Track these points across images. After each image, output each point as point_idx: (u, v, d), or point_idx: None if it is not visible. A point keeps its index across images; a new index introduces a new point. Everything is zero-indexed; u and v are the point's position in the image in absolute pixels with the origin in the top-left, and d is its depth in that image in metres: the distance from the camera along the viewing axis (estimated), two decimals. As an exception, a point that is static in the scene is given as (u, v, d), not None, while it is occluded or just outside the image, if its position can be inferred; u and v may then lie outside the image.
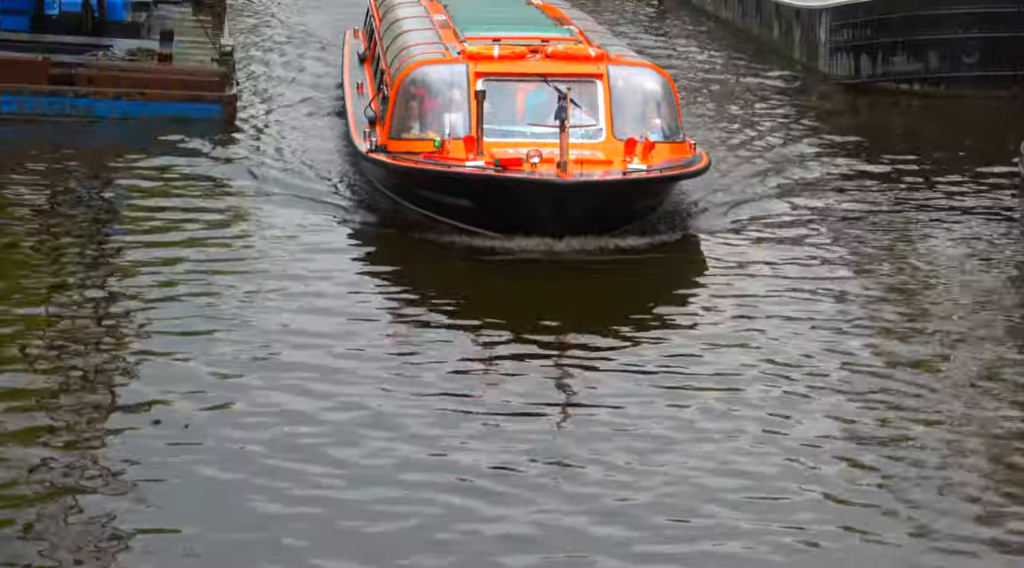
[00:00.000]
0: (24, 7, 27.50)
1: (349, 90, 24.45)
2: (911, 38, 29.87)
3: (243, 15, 37.59)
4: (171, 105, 24.96)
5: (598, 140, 19.38)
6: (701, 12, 40.34)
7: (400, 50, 21.66)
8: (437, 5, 24.89)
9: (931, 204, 21.68)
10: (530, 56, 20.22)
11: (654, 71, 20.68)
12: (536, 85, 19.71)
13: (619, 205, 18.60)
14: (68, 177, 22.10)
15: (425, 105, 19.92)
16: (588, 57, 20.22)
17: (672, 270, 18.57)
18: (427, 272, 18.11)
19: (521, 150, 18.58)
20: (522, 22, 23.42)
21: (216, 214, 19.94)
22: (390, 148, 19.54)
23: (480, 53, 20.18)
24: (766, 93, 29.81)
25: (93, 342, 15.25)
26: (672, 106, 20.17)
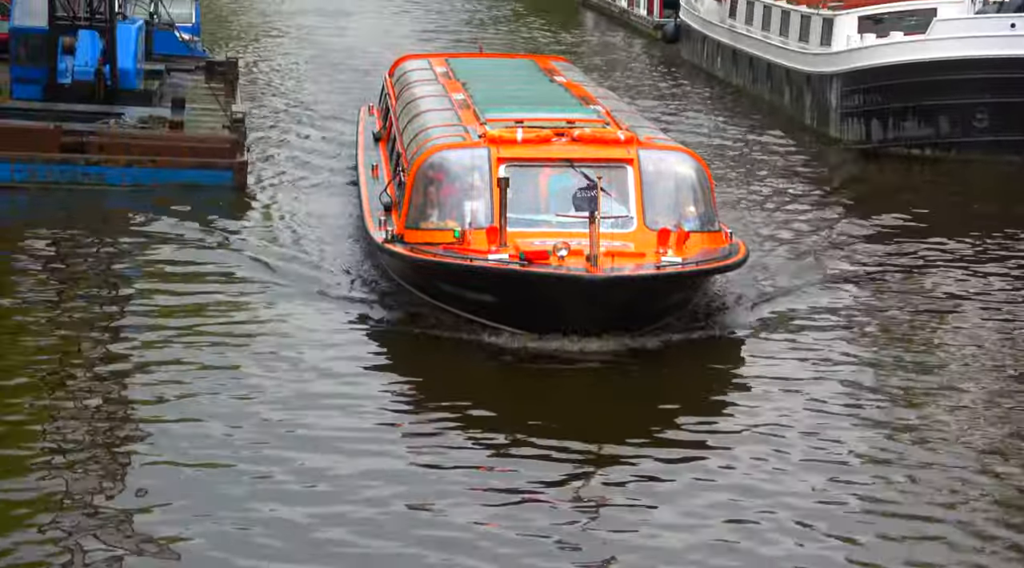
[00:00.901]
0: (37, 76, 27.71)
1: (363, 172, 23.27)
2: (922, 103, 29.92)
3: (256, 83, 37.77)
4: (182, 172, 25.03)
5: (629, 229, 18.13)
6: (712, 77, 40.44)
7: (417, 132, 20.56)
8: (456, 83, 23.84)
9: (955, 276, 21.16)
10: (555, 140, 18.99)
11: (687, 155, 19.40)
12: (562, 169, 18.50)
13: (652, 301, 17.44)
14: (76, 251, 21.85)
15: (444, 192, 18.69)
16: (617, 141, 18.95)
17: (703, 371, 17.17)
18: (448, 375, 16.89)
19: (547, 241, 17.43)
20: (546, 102, 22.12)
21: (224, 311, 18.72)
22: (407, 238, 18.38)
23: (502, 137, 18.92)
24: (779, 161, 29.68)
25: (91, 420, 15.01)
26: (706, 192, 18.96)
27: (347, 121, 31.74)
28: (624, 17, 55.46)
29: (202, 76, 30.82)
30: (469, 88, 22.98)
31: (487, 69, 26.02)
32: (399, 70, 26.72)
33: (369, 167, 23.15)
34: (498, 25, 53.76)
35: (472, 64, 26.79)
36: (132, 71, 28.25)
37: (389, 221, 19.16)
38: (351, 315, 18.50)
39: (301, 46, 46.04)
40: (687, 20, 43.92)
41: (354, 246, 21.47)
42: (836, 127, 31.55)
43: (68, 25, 27.60)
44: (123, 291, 19.70)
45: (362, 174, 23.21)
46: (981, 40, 29.54)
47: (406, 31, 51.14)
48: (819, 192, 26.71)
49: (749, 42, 37.21)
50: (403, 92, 24.16)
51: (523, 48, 46.94)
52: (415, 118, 21.46)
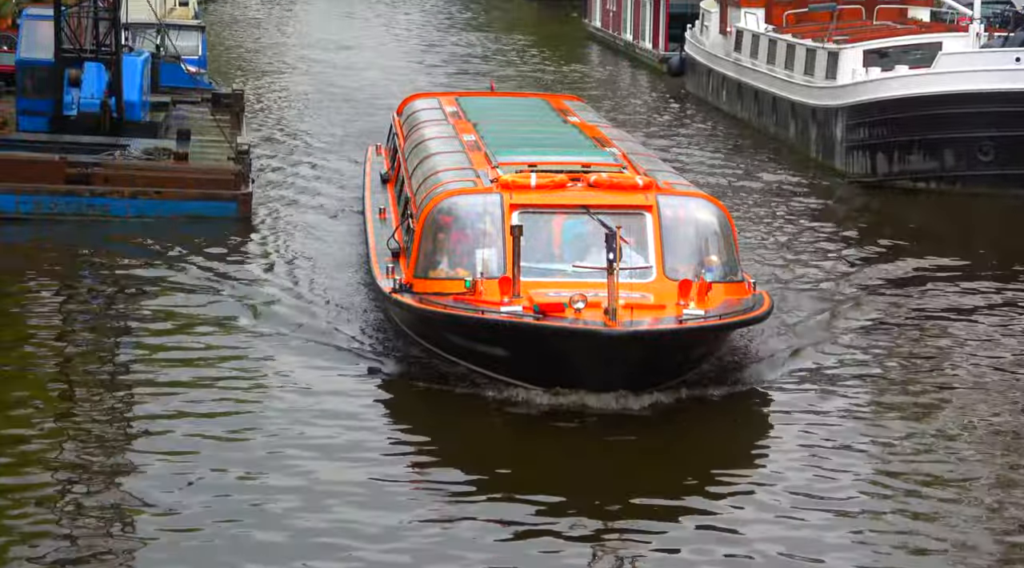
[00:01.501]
0: (43, 108, 27.76)
1: (370, 215, 22.31)
2: (927, 137, 29.91)
3: (262, 115, 37.85)
4: (186, 203, 25.05)
5: (648, 280, 17.24)
6: (717, 111, 40.48)
7: (427, 176, 19.72)
8: (466, 124, 22.99)
9: (985, 323, 20.46)
10: (571, 185, 18.11)
11: (708, 202, 18.48)
12: (577, 216, 17.69)
13: (673, 356, 16.59)
14: (79, 284, 21.79)
15: (454, 240, 17.84)
16: (635, 186, 18.09)
17: (723, 429, 16.40)
18: (457, 431, 16.12)
19: (563, 292, 16.61)
20: (559, 144, 21.28)
21: (225, 360, 17.95)
22: (416, 288, 17.53)
23: (515, 182, 18.04)
24: (787, 196, 29.50)
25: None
26: (729, 241, 18.07)
27: (350, 153, 31.82)
28: (629, 50, 55.55)
29: (208, 108, 30.86)
30: (480, 129, 22.21)
31: (498, 109, 25.31)
32: (407, 109, 26.00)
33: (376, 210, 22.30)
34: (504, 57, 53.84)
35: (483, 103, 25.96)
36: (138, 103, 28.29)
37: (397, 268, 18.35)
38: (357, 367, 17.70)
39: (307, 79, 46.14)
40: (692, 53, 43.98)
41: (360, 292, 20.68)
42: (841, 160, 31.54)
43: (74, 57, 27.67)
44: (122, 338, 19.06)
45: (369, 217, 22.33)
46: (986, 74, 29.56)
47: (411, 63, 51.24)
48: (831, 230, 26.36)
49: (754, 75, 37.25)
50: (412, 133, 23.34)
51: (529, 81, 47.04)
52: (424, 161, 20.71)
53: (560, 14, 72.62)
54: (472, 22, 68.88)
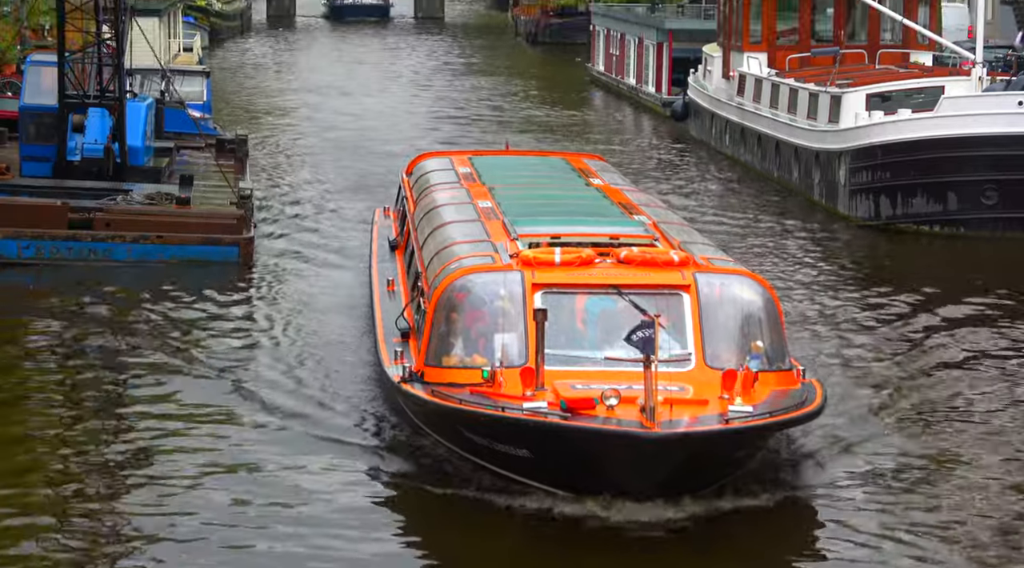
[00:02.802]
0: (46, 154, 27.79)
1: (378, 287, 20.55)
2: (930, 180, 29.89)
3: (266, 160, 37.91)
4: (189, 248, 25.06)
5: (686, 369, 15.47)
6: (720, 155, 40.51)
7: (439, 248, 18.03)
8: (481, 187, 21.21)
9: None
10: (599, 261, 16.37)
11: (751, 280, 16.62)
12: (607, 297, 15.98)
13: (717, 458, 14.83)
14: (79, 331, 21.54)
15: (470, 324, 16.09)
16: (671, 263, 16.31)
17: (766, 541, 14.76)
18: (474, 545, 14.55)
19: (592, 384, 14.87)
20: (583, 211, 19.53)
21: (218, 455, 16.47)
22: (427, 377, 15.76)
23: (538, 258, 16.29)
24: (794, 244, 29.13)
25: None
26: (775, 324, 16.29)
27: (352, 200, 31.85)
28: (633, 94, 55.66)
29: (212, 153, 30.93)
30: (496, 194, 20.41)
31: (515, 170, 23.56)
32: (417, 170, 24.27)
33: (384, 281, 20.55)
34: (507, 101, 53.93)
35: (498, 163, 24.10)
36: (141, 148, 28.35)
37: (406, 352, 16.73)
38: (359, 465, 16.09)
39: (310, 124, 46.25)
40: (695, 98, 44.04)
41: (365, 375, 19.01)
42: (845, 204, 31.51)
43: (78, 103, 27.73)
44: (113, 410, 18.03)
45: (376, 290, 20.54)
46: (989, 118, 29.54)
47: (413, 109, 51.33)
48: (849, 283, 25.45)
49: (757, 119, 37.28)
50: (423, 196, 21.61)
51: (532, 125, 47.12)
52: (437, 230, 19.01)
53: (563, 59, 72.79)
54: (475, 66, 69.05)
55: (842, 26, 38.35)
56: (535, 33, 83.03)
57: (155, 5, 53.89)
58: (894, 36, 38.65)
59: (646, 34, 54.46)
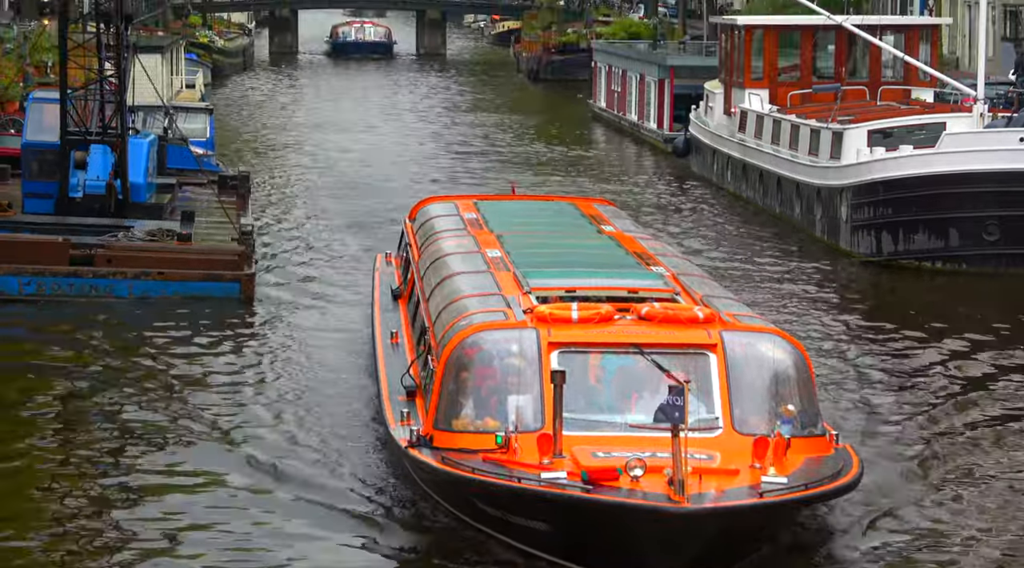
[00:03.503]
0: (48, 190, 27.81)
1: (381, 340, 19.44)
2: (932, 216, 29.89)
3: (268, 197, 37.96)
4: (190, 284, 25.06)
5: (713, 434, 14.54)
6: (722, 191, 40.52)
7: (448, 302, 17.04)
8: (489, 235, 20.20)
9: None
10: (619, 317, 15.42)
11: (781, 338, 15.58)
12: (627, 356, 15.03)
13: (750, 533, 14.03)
14: (79, 367, 21.50)
15: (482, 385, 15.14)
16: (695, 320, 15.36)
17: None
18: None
19: (614, 452, 13.99)
20: (598, 262, 18.52)
21: (210, 524, 15.52)
22: (437, 441, 14.86)
23: (554, 315, 15.34)
24: (802, 283, 28.88)
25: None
26: (807, 386, 15.33)
27: (354, 237, 31.85)
28: (634, 131, 55.74)
29: (214, 190, 30.97)
30: (505, 242, 19.46)
31: (523, 216, 22.63)
32: (421, 215, 23.27)
33: (387, 333, 19.47)
34: (509, 138, 53.99)
35: (505, 209, 23.14)
36: (143, 185, 28.36)
37: (413, 412, 15.80)
38: (361, 536, 15.11)
39: (313, 161, 46.31)
40: (697, 134, 44.09)
41: (368, 433, 18.01)
42: (847, 240, 31.51)
43: (80, 140, 27.76)
44: (106, 460, 17.43)
45: (379, 342, 19.44)
46: (990, 154, 29.56)
47: (416, 145, 51.37)
48: (858, 323, 24.96)
49: (759, 156, 37.31)
50: (428, 244, 20.64)
51: (535, 161, 47.17)
52: (444, 282, 18.02)
53: (565, 95, 72.93)
54: (477, 103, 69.16)
55: (843, 63, 38.43)
56: (537, 70, 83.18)
57: (157, 42, 54.06)
58: (895, 73, 38.73)
59: (648, 70, 54.56)
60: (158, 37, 58.63)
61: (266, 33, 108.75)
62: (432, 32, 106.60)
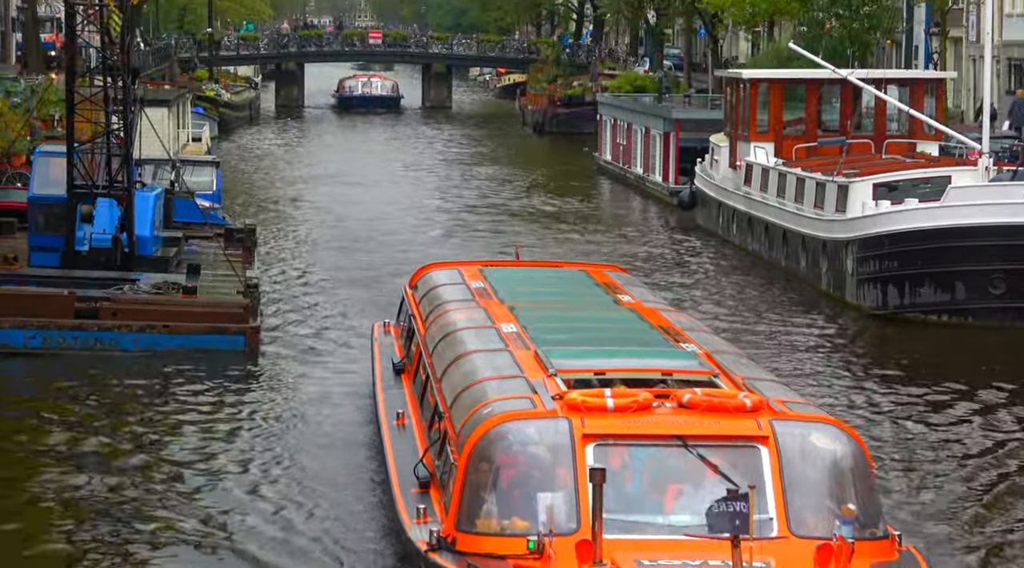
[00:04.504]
0: (55, 244, 27.84)
1: (386, 421, 18.10)
2: (938, 269, 29.87)
3: (274, 249, 38.00)
4: (195, 337, 25.05)
5: (767, 536, 13.06)
6: (727, 244, 40.53)
7: (465, 385, 15.55)
8: (501, 307, 18.73)
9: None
10: (657, 405, 13.91)
11: (838, 429, 14.11)
12: (669, 449, 13.58)
13: None
14: (82, 421, 21.42)
15: (511, 482, 13.69)
16: (742, 408, 13.87)
17: None
18: None
19: (659, 559, 12.68)
20: (622, 339, 17.26)
21: None
22: (460, 544, 13.39)
23: (587, 403, 13.83)
24: (802, 335, 28.80)
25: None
26: (868, 482, 13.99)
27: (359, 291, 31.81)
28: (640, 184, 55.81)
29: (220, 243, 31.02)
30: (520, 315, 18.07)
31: (534, 285, 21.22)
32: (423, 283, 21.78)
33: (392, 413, 18.09)
34: (514, 191, 54.04)
35: (513, 276, 21.81)
36: (149, 238, 28.41)
37: (430, 508, 14.34)
38: None
39: (318, 214, 46.37)
40: (702, 187, 44.14)
41: (375, 527, 16.82)
42: (852, 293, 31.48)
43: (87, 193, 27.81)
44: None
45: (384, 423, 18.06)
46: (996, 207, 29.58)
47: (420, 198, 51.42)
48: (880, 387, 24.35)
49: (765, 209, 37.34)
50: (434, 316, 19.24)
51: (540, 214, 47.20)
52: (458, 362, 16.50)
53: (570, 148, 73.08)
54: (482, 156, 69.31)
55: (848, 116, 38.48)
56: (542, 122, 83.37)
57: (164, 95, 54.22)
58: (900, 126, 38.79)
59: (653, 124, 54.68)
60: (165, 90, 58.79)
61: (273, 86, 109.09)
62: (438, 85, 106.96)
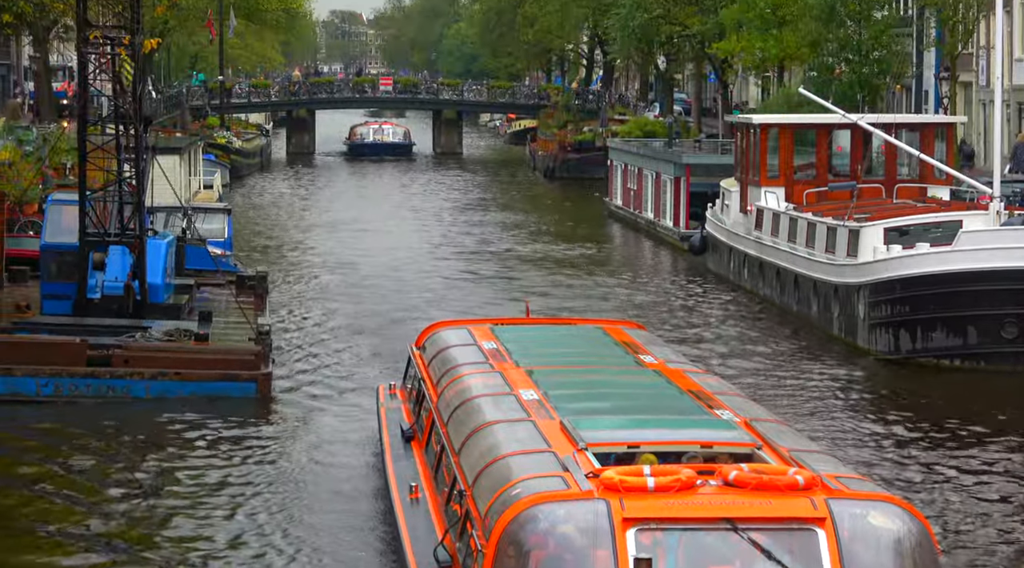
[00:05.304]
0: (66, 292, 27.88)
1: (398, 495, 17.02)
2: (949, 314, 29.82)
3: (285, 297, 38.02)
4: (207, 384, 25.07)
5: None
6: (739, 288, 40.52)
7: (487, 460, 14.39)
8: (518, 371, 17.57)
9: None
10: (701, 483, 12.72)
11: (900, 508, 13.00)
12: (719, 532, 12.42)
13: None
14: (92, 470, 21.36)
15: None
16: (795, 486, 12.67)
17: None
18: None
19: None
20: (652, 406, 16.12)
21: None
22: None
23: (625, 482, 12.65)
24: (815, 381, 28.70)
25: None
26: (934, 565, 12.96)
27: (369, 340, 31.80)
28: (651, 228, 55.86)
29: (232, 290, 31.06)
30: (538, 379, 16.91)
31: (550, 345, 19.99)
32: (431, 343, 20.56)
33: (405, 486, 16.95)
34: (525, 237, 54.08)
35: (527, 336, 20.49)
36: (161, 286, 28.44)
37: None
38: None
39: (330, 261, 46.40)
40: (713, 232, 44.18)
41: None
42: (864, 338, 31.43)
43: (99, 241, 27.87)
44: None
45: (397, 500, 16.93)
46: (1007, 252, 29.56)
47: (431, 245, 51.47)
48: (907, 443, 23.98)
49: (776, 253, 37.34)
50: (446, 381, 18.03)
51: (551, 260, 47.19)
52: (478, 434, 15.31)
53: (581, 193, 73.16)
54: (493, 202, 69.41)
55: (859, 161, 38.53)
56: (553, 168, 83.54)
57: (176, 143, 54.45)
58: (911, 171, 38.84)
59: (663, 169, 54.76)
60: (176, 138, 59.05)
61: (284, 133, 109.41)
62: (448, 131, 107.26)
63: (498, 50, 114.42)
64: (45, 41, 65.96)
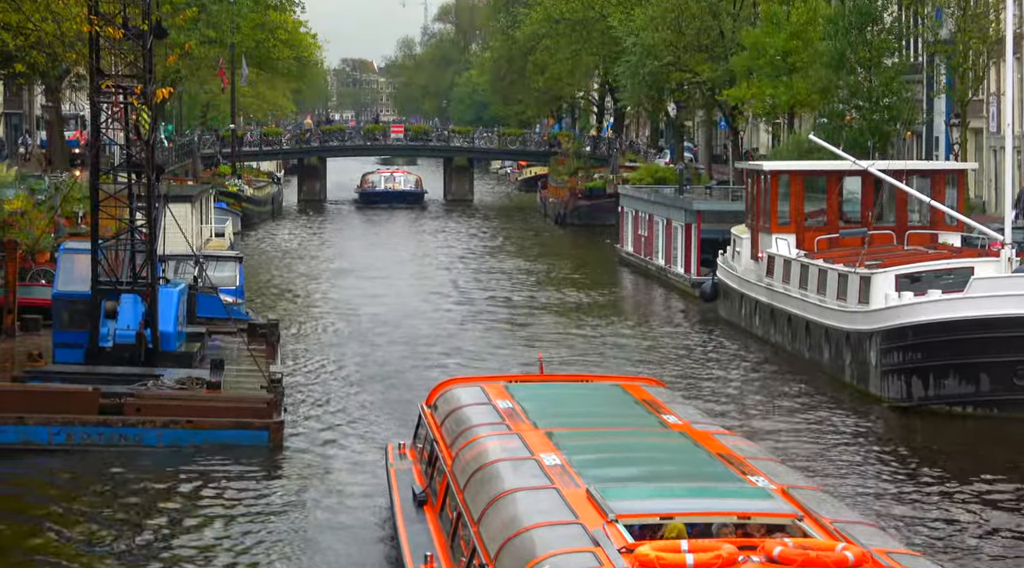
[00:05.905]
0: (79, 340, 27.91)
1: (411, 563, 16.11)
2: (962, 361, 29.77)
3: (297, 344, 38.02)
4: (219, 432, 25.05)
5: None
6: (750, 335, 40.47)
7: (510, 532, 13.57)
8: (537, 433, 16.76)
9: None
10: (743, 560, 12.06)
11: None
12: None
13: None
14: (94, 536, 21.05)
15: None
16: (844, 563, 12.05)
17: None
18: None
19: None
20: (684, 472, 15.30)
21: None
22: None
23: (662, 559, 12.00)
24: (829, 431, 28.62)
25: None
26: None
27: (380, 388, 31.78)
28: (662, 275, 55.86)
29: (243, 338, 31.08)
30: (560, 443, 16.06)
31: (567, 405, 19.18)
32: (444, 402, 19.74)
33: (420, 556, 15.92)
34: (537, 284, 54.07)
35: (543, 395, 19.63)
36: (173, 334, 28.47)
37: None
38: None
39: (341, 309, 46.39)
40: (724, 278, 44.17)
41: None
42: (876, 385, 31.37)
43: (111, 289, 27.92)
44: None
45: (409, 563, 16.21)
46: (1019, 298, 29.53)
47: (443, 293, 51.48)
48: (913, 487, 24.16)
49: (787, 300, 37.32)
50: (462, 444, 17.20)
51: (563, 307, 47.17)
52: (497, 503, 14.49)
53: (592, 240, 73.21)
54: (504, 249, 69.44)
55: (870, 207, 38.56)
56: (564, 214, 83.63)
57: (187, 191, 54.57)
58: (922, 217, 38.85)
59: (674, 215, 54.81)
60: (188, 186, 59.20)
61: (295, 181, 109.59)
62: (459, 178, 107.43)
63: (509, 97, 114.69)
64: (57, 90, 66.25)
